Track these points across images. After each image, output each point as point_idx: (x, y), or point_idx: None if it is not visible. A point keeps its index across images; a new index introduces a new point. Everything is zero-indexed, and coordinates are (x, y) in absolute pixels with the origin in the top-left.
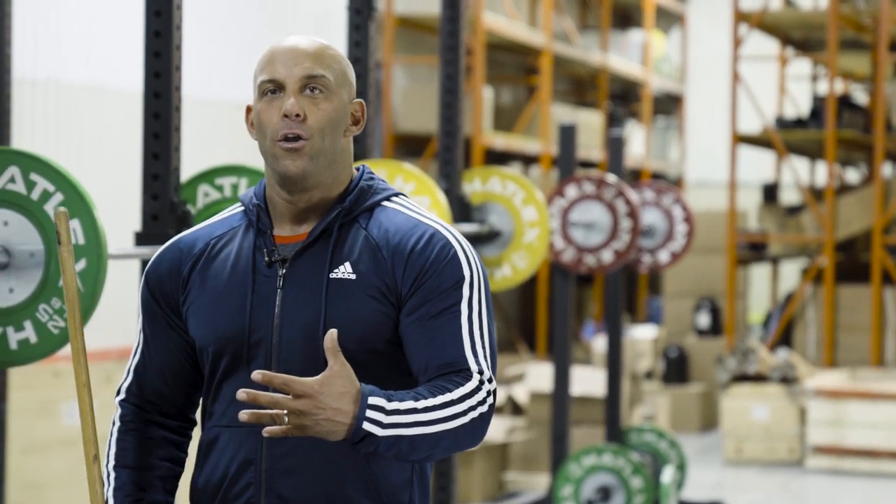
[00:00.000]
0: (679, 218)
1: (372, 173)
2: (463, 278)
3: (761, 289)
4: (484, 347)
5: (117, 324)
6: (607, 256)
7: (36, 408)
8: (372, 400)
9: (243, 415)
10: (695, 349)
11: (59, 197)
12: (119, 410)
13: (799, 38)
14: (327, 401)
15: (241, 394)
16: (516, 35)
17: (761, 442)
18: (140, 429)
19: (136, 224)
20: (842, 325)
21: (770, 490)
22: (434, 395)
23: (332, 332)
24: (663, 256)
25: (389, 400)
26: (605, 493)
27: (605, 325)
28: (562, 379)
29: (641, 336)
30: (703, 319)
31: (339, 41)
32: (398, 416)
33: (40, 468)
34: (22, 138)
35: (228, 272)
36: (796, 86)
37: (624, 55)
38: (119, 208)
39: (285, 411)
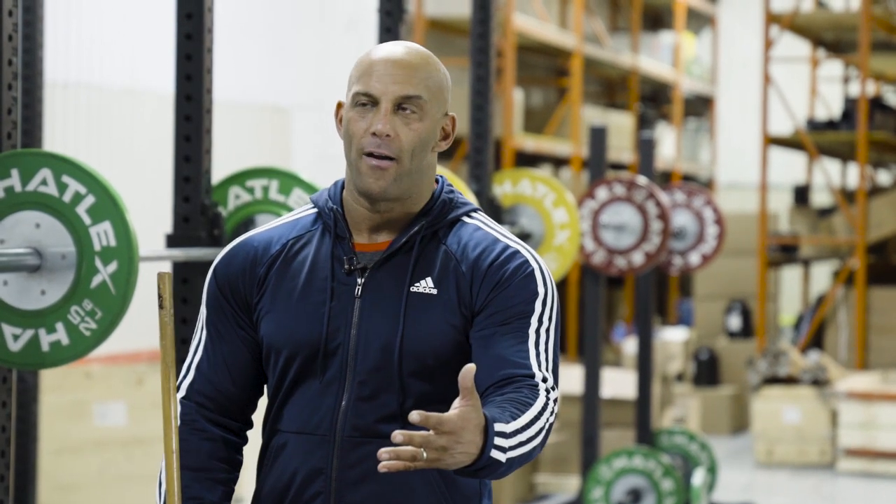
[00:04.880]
0: (710, 220)
1: (451, 186)
2: (536, 294)
3: (792, 291)
4: (548, 360)
5: (148, 326)
6: (638, 258)
7: (68, 409)
8: (497, 427)
9: (383, 454)
10: (726, 351)
11: (90, 199)
12: (180, 408)
13: (830, 39)
14: (466, 435)
15: (398, 436)
16: (547, 37)
17: (792, 444)
18: (203, 429)
19: (167, 226)
20: (873, 327)
21: (801, 493)
22: (522, 411)
23: (471, 368)
24: (694, 258)
25: (507, 422)
26: (635, 495)
27: (636, 328)
28: (592, 381)
29: (672, 338)
30: (734, 321)
31: (369, 43)
32: (511, 438)
33: (72, 469)
34: (53, 141)
35: (306, 277)
36: (828, 87)
37: (654, 57)
38: (150, 211)
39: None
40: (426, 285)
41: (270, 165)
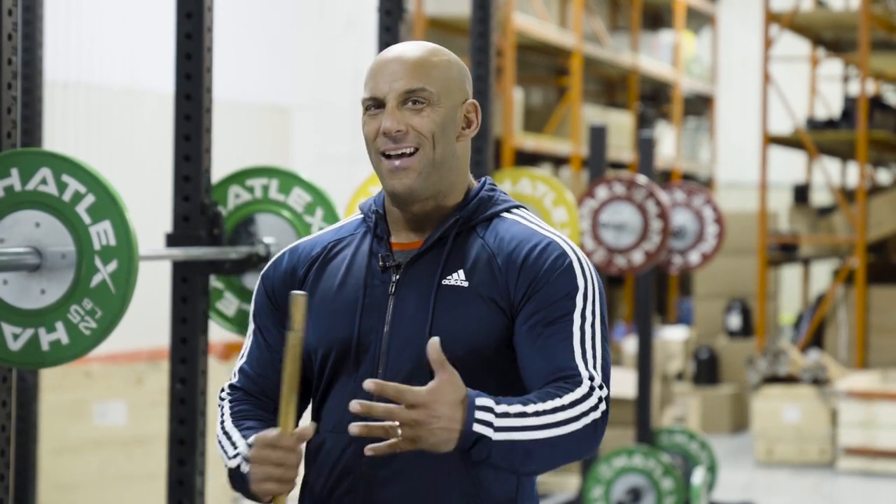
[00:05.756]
0: (710, 219)
1: (494, 185)
2: (576, 288)
3: (792, 290)
4: (595, 357)
5: (148, 325)
6: (638, 257)
7: (68, 409)
8: (480, 401)
9: (354, 427)
10: (725, 350)
11: (90, 198)
12: (227, 399)
13: (830, 38)
14: (440, 409)
15: (355, 405)
16: (547, 36)
17: (792, 443)
18: (253, 402)
19: (167, 225)
20: (873, 326)
21: (801, 492)
22: (543, 401)
23: (435, 341)
24: (694, 257)
25: (498, 403)
26: (635, 494)
27: (636, 327)
28: None
29: (672, 337)
30: (734, 321)
31: (369, 43)
32: (508, 419)
33: (72, 469)
34: (53, 140)
35: (342, 276)
36: (827, 86)
37: (654, 56)
38: (150, 210)
39: (398, 423)
40: (458, 278)
41: (270, 165)
